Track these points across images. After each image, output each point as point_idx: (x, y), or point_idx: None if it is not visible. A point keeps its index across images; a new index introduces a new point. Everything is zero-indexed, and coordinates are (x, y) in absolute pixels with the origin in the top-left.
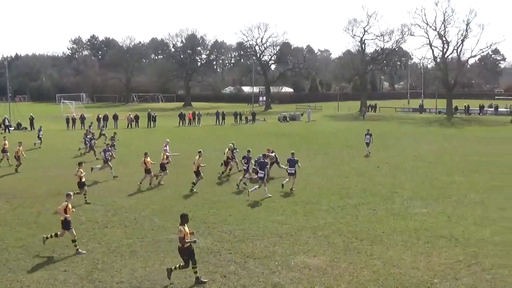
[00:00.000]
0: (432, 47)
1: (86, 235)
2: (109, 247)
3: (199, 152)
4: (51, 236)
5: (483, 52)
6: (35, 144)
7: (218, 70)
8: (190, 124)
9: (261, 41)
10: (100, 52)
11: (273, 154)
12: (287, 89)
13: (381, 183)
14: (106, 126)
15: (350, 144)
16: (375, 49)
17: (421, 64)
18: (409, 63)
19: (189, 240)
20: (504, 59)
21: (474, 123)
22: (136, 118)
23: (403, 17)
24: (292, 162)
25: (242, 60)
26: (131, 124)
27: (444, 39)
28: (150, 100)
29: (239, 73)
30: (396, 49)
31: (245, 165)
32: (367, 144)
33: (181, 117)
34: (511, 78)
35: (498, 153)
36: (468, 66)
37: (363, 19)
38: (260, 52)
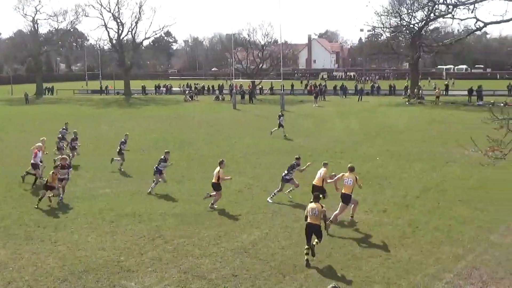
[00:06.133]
0: (108, 29)
1: None
2: None
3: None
4: None
5: (156, 34)
6: None
7: None
8: None
9: None
10: None
11: None
12: None
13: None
14: None
15: (26, 129)
16: (49, 30)
17: (98, 46)
18: (85, 44)
19: None
20: (175, 41)
21: (151, 103)
22: None
23: None
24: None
25: None
26: None
27: (118, 21)
28: None
29: None
30: (71, 30)
31: None
32: (281, 125)
33: None
34: (183, 60)
35: (177, 131)
36: (143, 48)
37: None
38: None
